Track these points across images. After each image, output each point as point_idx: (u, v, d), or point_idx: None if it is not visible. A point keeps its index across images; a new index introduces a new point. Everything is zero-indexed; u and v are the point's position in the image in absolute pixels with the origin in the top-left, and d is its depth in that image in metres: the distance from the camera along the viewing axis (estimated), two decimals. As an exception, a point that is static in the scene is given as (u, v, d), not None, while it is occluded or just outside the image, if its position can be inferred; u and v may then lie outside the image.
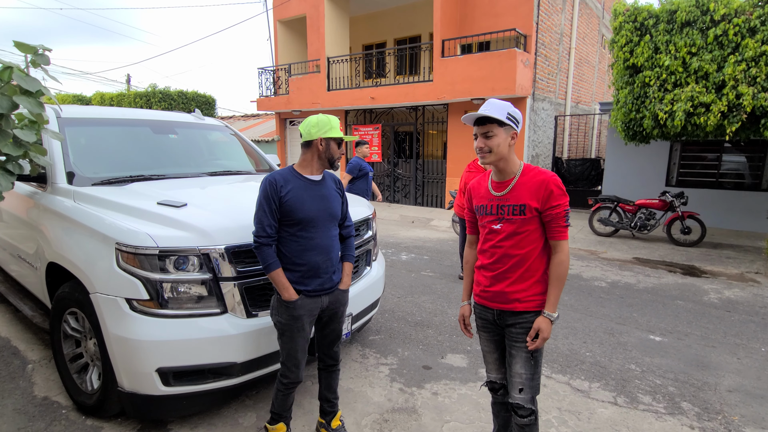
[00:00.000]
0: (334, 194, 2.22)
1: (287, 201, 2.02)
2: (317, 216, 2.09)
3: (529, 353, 1.82)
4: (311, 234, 2.08)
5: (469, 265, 2.07)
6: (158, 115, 3.78)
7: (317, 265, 2.09)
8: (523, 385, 1.83)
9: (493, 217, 1.85)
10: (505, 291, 1.84)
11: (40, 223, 2.70)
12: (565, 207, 1.77)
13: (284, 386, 2.16)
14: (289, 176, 2.08)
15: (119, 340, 2.10)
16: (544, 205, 1.76)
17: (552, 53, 10.59)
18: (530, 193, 1.77)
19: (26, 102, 2.08)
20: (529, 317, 1.83)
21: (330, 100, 11.79)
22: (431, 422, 2.52)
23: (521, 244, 1.80)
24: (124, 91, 21.34)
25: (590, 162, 10.80)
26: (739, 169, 8.49)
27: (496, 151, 1.77)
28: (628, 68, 6.59)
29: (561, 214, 1.76)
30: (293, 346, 2.10)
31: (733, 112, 5.71)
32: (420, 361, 3.25)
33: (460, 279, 5.35)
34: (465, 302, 2.06)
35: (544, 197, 1.75)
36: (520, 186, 1.80)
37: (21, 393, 2.70)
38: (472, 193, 1.97)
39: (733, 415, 2.65)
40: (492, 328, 1.94)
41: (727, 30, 5.73)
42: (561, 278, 1.78)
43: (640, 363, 3.27)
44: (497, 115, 1.74)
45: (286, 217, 2.03)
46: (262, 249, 2.01)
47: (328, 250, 2.14)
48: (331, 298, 2.19)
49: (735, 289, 5.17)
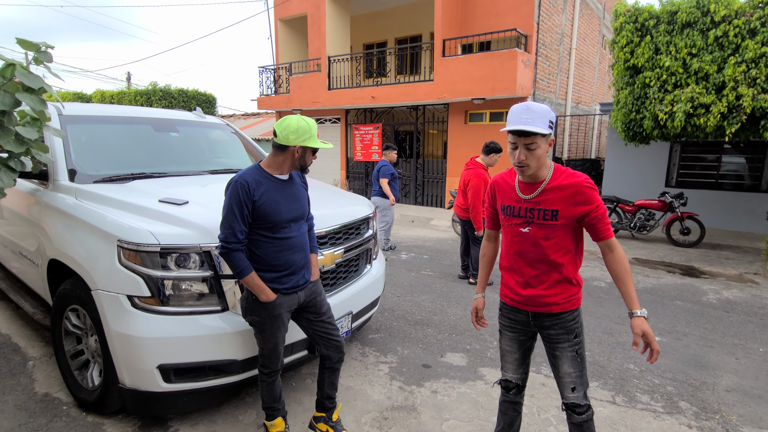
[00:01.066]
0: (302, 191, 2.20)
1: (261, 205, 1.95)
2: (291, 217, 2.07)
3: (574, 352, 1.81)
4: (287, 234, 2.06)
5: (486, 258, 2.07)
6: (159, 113, 3.78)
7: (295, 263, 2.09)
8: (575, 384, 1.81)
9: (521, 220, 1.78)
10: (539, 294, 1.79)
11: (42, 220, 2.71)
12: (603, 205, 1.71)
13: (266, 376, 2.18)
14: (259, 177, 2.00)
15: (120, 337, 2.11)
16: (583, 209, 1.69)
17: (553, 53, 10.60)
18: (563, 199, 1.70)
19: (28, 99, 2.09)
20: (566, 316, 1.81)
21: (330, 99, 11.79)
22: (430, 420, 2.53)
23: (553, 248, 1.74)
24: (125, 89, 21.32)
25: (590, 162, 10.82)
26: (738, 170, 8.51)
27: (538, 163, 1.69)
28: (629, 69, 6.60)
29: (603, 213, 1.71)
30: (275, 341, 2.12)
31: (733, 113, 5.72)
32: (419, 359, 3.26)
33: (459, 278, 5.37)
34: (479, 295, 2.07)
35: (580, 202, 1.69)
36: (551, 190, 1.72)
37: (22, 389, 2.71)
38: (496, 191, 1.90)
39: (730, 415, 2.66)
40: (521, 329, 1.90)
41: (727, 31, 5.73)
42: (629, 272, 1.72)
43: (638, 363, 3.28)
44: (543, 128, 1.62)
45: (260, 221, 1.97)
46: (232, 255, 1.93)
47: (304, 247, 2.15)
48: (307, 292, 2.20)
49: (734, 289, 5.18)
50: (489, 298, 4.64)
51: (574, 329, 1.83)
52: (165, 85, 19.19)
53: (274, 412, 2.26)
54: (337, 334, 2.32)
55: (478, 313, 2.06)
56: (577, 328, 1.84)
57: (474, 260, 5.09)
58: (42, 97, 2.17)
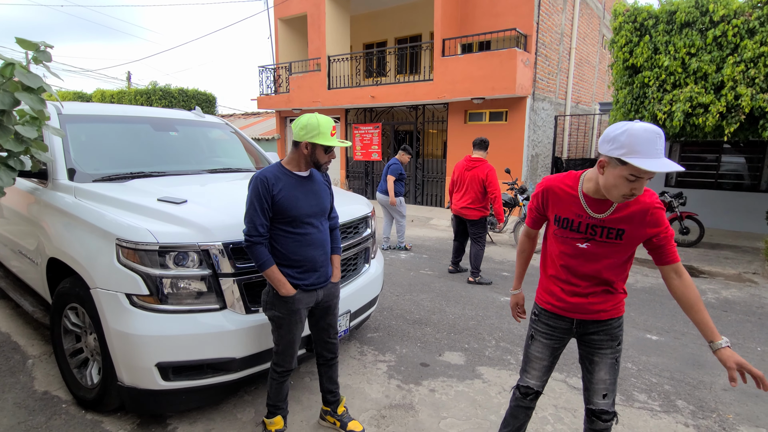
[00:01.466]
0: (324, 188, 2.23)
1: (279, 199, 2.01)
2: (310, 212, 2.11)
3: (614, 359, 1.80)
4: (306, 230, 2.10)
5: (525, 255, 2.06)
6: (159, 112, 3.79)
7: (314, 259, 2.12)
8: (608, 391, 1.80)
9: (580, 236, 1.71)
10: (586, 303, 1.76)
11: (41, 219, 2.72)
12: (671, 228, 1.66)
13: (279, 375, 2.19)
14: (278, 173, 2.06)
15: (119, 335, 2.12)
16: (651, 231, 1.63)
17: (552, 53, 10.60)
18: (632, 219, 1.63)
19: (28, 98, 2.09)
20: (613, 323, 1.79)
21: (330, 98, 11.80)
22: (428, 418, 2.54)
23: (608, 265, 1.70)
24: (125, 88, 21.33)
25: (590, 162, 10.83)
26: (738, 170, 8.52)
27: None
28: (628, 68, 6.60)
29: (671, 236, 1.65)
30: (291, 338, 2.14)
31: (732, 112, 5.73)
32: (418, 358, 3.27)
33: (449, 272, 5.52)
34: (518, 290, 2.11)
35: (650, 223, 1.62)
36: (620, 209, 1.64)
37: (21, 387, 2.72)
38: (550, 199, 1.79)
39: (727, 414, 2.67)
40: (559, 336, 1.87)
41: (726, 31, 5.74)
42: (700, 299, 1.64)
43: (636, 361, 3.29)
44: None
45: (280, 215, 2.04)
46: (254, 248, 2.01)
47: (323, 244, 2.18)
48: (326, 291, 2.23)
49: (732, 289, 5.19)
50: (488, 298, 4.65)
51: (618, 336, 1.82)
52: (165, 84, 19.21)
53: (276, 410, 2.28)
54: (335, 337, 2.37)
55: (519, 308, 2.11)
56: (620, 335, 1.83)
57: (475, 258, 5.09)
58: (41, 96, 2.17)
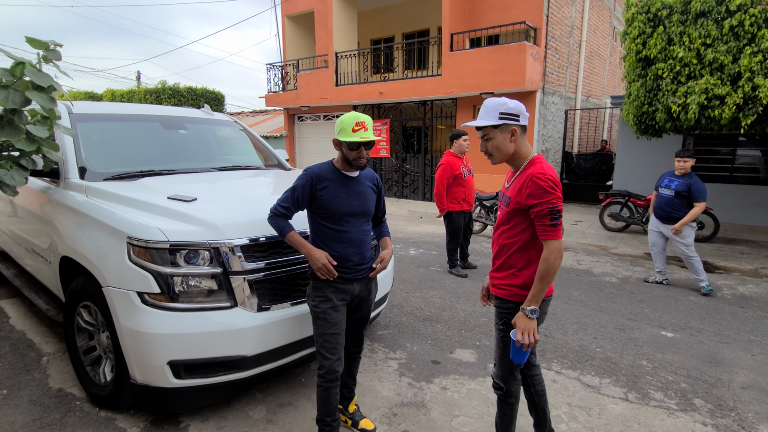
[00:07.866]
0: (369, 191, 2.22)
1: (321, 196, 2.07)
2: (350, 212, 2.12)
3: (498, 336, 1.96)
4: (344, 227, 2.12)
5: None
6: (168, 110, 3.80)
7: (348, 256, 2.13)
8: (495, 361, 2.02)
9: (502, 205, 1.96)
10: (491, 275, 2.00)
11: (53, 217, 2.74)
12: (549, 205, 1.68)
13: (321, 378, 2.10)
14: (327, 172, 2.12)
15: (131, 333, 2.12)
16: (525, 202, 1.74)
17: (562, 46, 10.45)
18: (517, 188, 1.79)
19: (38, 97, 2.10)
20: (500, 304, 1.92)
21: (338, 95, 11.77)
22: (440, 417, 2.52)
23: (505, 235, 1.88)
24: (135, 87, 21.51)
25: (601, 156, 10.67)
26: (754, 164, 8.33)
27: (498, 152, 1.84)
28: (641, 60, 6.47)
29: (543, 212, 1.69)
30: (326, 330, 2.09)
31: (749, 104, 5.58)
32: (429, 355, 3.24)
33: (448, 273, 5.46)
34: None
35: (524, 194, 1.74)
36: (516, 179, 1.84)
37: (36, 385, 2.75)
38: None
39: (746, 412, 2.61)
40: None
41: (743, 20, 5.59)
42: (542, 275, 1.72)
43: (651, 359, 3.24)
44: (488, 121, 1.78)
45: (321, 210, 2.10)
46: (274, 218, 2.10)
47: (359, 243, 2.17)
48: (362, 285, 2.22)
49: (749, 285, 5.08)
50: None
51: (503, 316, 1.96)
52: (174, 83, 19.32)
53: (325, 427, 2.13)
54: (363, 332, 2.39)
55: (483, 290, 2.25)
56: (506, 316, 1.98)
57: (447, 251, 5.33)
58: (52, 95, 2.18)
